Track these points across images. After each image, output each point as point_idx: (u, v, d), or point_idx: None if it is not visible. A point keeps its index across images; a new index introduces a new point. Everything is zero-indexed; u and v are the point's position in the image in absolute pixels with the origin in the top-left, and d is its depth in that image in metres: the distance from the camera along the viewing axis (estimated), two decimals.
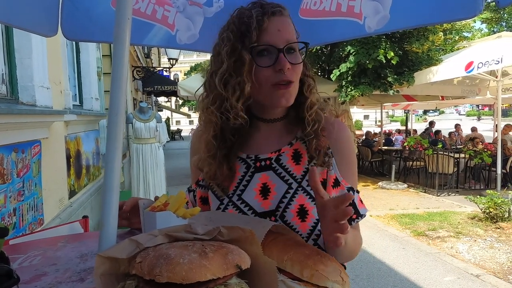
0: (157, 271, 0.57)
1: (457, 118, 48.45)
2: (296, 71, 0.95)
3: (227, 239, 0.67)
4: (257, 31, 0.91)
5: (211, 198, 1.03)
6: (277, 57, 0.91)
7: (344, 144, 1.02)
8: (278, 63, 0.91)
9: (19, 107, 2.92)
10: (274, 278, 0.62)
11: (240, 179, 1.00)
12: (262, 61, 0.92)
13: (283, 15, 0.95)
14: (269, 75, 0.92)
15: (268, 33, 0.92)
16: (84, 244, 0.97)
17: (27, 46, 3.04)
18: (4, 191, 2.54)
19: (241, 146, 1.02)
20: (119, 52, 0.72)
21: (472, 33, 16.65)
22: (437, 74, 7.31)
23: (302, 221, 0.93)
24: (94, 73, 5.93)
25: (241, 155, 1.02)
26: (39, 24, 1.36)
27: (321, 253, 0.68)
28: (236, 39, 0.92)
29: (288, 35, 0.94)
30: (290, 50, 0.94)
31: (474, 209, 6.18)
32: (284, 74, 0.92)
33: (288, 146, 1.02)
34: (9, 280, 0.62)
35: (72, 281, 0.74)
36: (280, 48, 0.91)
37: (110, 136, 0.70)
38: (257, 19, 0.91)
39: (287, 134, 1.04)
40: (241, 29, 0.92)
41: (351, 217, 0.89)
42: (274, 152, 1.01)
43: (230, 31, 0.94)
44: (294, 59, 0.94)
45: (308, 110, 0.99)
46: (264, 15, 0.91)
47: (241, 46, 0.92)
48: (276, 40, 0.92)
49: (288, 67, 0.91)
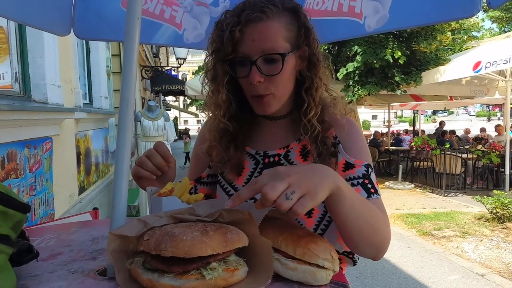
0: (162, 246, 0.62)
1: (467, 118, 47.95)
2: (273, 82, 0.90)
3: (227, 220, 0.73)
4: (231, 43, 0.88)
5: (219, 192, 1.05)
6: (250, 69, 0.88)
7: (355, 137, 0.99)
8: (249, 76, 0.89)
9: (32, 104, 3.01)
10: (269, 257, 0.68)
11: (250, 175, 1.01)
12: (239, 71, 0.92)
13: (262, 20, 0.86)
14: (246, 85, 0.92)
15: (242, 43, 0.88)
16: (95, 229, 1.04)
17: (40, 46, 3.13)
18: (17, 185, 2.63)
19: (248, 140, 1.04)
20: (129, 49, 0.79)
21: (482, 32, 16.49)
22: (445, 74, 7.29)
23: (309, 217, 0.94)
24: (104, 72, 6.04)
25: (249, 150, 1.04)
26: (54, 24, 1.42)
27: (313, 234, 0.73)
28: (213, 50, 0.94)
29: (263, 44, 0.87)
30: (270, 60, 0.88)
31: (481, 210, 6.16)
32: (255, 87, 0.89)
33: (297, 142, 1.01)
34: (29, 255, 0.69)
35: (85, 260, 0.80)
36: (253, 60, 0.87)
37: (121, 118, 0.77)
38: (230, 31, 0.87)
39: (294, 130, 1.02)
40: (217, 39, 0.92)
41: (370, 190, 0.90)
42: (282, 148, 1.01)
43: (210, 41, 0.95)
44: (271, 69, 0.89)
45: (306, 115, 0.95)
46: (238, 24, 0.86)
47: (216, 58, 0.94)
48: (249, 51, 0.88)
49: (258, 80, 0.88)
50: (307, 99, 0.95)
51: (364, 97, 8.57)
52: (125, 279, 0.67)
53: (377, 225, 0.81)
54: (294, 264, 0.68)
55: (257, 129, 1.06)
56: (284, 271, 0.69)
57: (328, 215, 0.94)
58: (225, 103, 0.97)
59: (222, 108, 0.99)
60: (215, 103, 0.99)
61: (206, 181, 1.11)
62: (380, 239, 0.83)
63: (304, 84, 0.96)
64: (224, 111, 0.99)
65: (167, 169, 0.98)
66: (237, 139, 1.02)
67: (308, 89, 0.95)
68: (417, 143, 9.01)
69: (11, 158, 2.53)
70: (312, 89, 0.95)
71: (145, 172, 0.94)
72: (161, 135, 6.09)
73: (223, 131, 1.02)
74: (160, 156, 0.95)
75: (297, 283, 0.69)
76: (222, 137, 1.02)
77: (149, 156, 0.95)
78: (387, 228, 0.85)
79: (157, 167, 0.95)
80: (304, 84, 0.96)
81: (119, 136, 0.77)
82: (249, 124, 1.05)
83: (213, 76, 0.98)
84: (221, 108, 0.99)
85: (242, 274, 0.67)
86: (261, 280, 0.66)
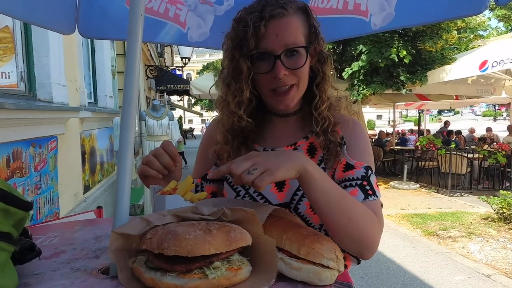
0: (165, 245, 0.62)
1: (472, 118, 47.61)
2: (298, 74, 0.94)
3: (230, 219, 0.72)
4: (255, 38, 0.90)
5: (226, 190, 1.05)
6: (274, 63, 0.90)
7: (358, 136, 1.01)
8: (273, 70, 0.91)
9: (37, 103, 3.03)
10: (273, 256, 0.67)
11: None
12: (260, 67, 0.93)
13: (285, 15, 0.91)
14: (268, 80, 0.93)
15: (265, 39, 0.90)
16: (99, 227, 1.03)
17: (45, 45, 3.14)
18: (22, 184, 2.64)
19: (257, 137, 1.05)
20: (132, 46, 0.78)
21: (488, 31, 16.34)
22: (451, 73, 7.23)
23: (315, 213, 0.93)
24: (109, 71, 6.06)
25: (257, 148, 1.04)
26: (58, 22, 1.43)
27: (318, 233, 0.72)
28: (234, 46, 0.94)
29: (287, 39, 0.90)
30: (292, 54, 0.92)
31: (487, 210, 6.11)
32: (281, 80, 0.91)
33: (304, 139, 1.03)
34: (31, 253, 0.69)
35: (88, 258, 0.80)
36: (277, 54, 0.90)
37: (124, 117, 0.76)
38: (254, 26, 0.89)
39: (303, 127, 1.04)
40: (239, 36, 0.93)
41: (367, 192, 0.90)
42: (290, 145, 1.03)
43: (230, 37, 0.96)
44: (295, 63, 0.92)
45: (317, 108, 0.98)
46: (261, 20, 0.89)
47: (239, 54, 0.93)
48: (273, 46, 0.90)
49: (284, 73, 0.91)
50: (318, 93, 0.98)
51: (369, 96, 8.54)
52: (127, 278, 0.67)
53: (354, 218, 0.82)
54: (298, 264, 0.67)
55: (267, 126, 1.07)
56: (288, 271, 0.68)
57: None
58: (248, 100, 0.97)
59: (243, 105, 0.97)
60: (238, 101, 0.97)
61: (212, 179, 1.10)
62: (358, 232, 0.82)
63: (315, 80, 0.99)
64: (245, 109, 0.98)
65: (174, 169, 0.97)
66: (248, 139, 1.03)
67: (319, 84, 0.99)
68: (422, 143, 8.95)
69: (16, 157, 2.54)
70: (323, 84, 0.99)
71: (152, 171, 0.93)
72: (165, 134, 6.11)
73: (238, 132, 1.01)
74: (168, 155, 0.95)
75: (301, 283, 0.68)
76: (234, 139, 1.01)
77: (157, 155, 0.95)
78: (371, 226, 0.85)
79: (165, 167, 0.94)
80: (315, 79, 0.99)
81: (122, 135, 0.76)
82: (260, 123, 1.05)
83: (237, 74, 0.96)
84: (243, 106, 0.97)
85: (245, 274, 0.66)
86: (265, 279, 0.65)
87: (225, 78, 0.99)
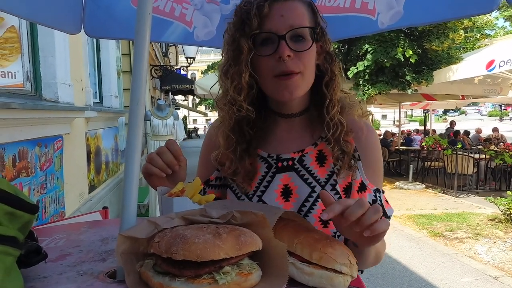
0: (174, 249, 0.60)
1: (478, 118, 47.25)
2: (303, 60, 0.87)
3: (240, 222, 0.70)
4: (258, 18, 0.85)
5: (230, 196, 1.01)
6: (278, 44, 0.84)
7: (372, 147, 0.96)
8: (277, 51, 0.84)
9: (43, 103, 3.03)
10: (284, 261, 0.65)
11: (261, 179, 0.96)
12: (263, 50, 0.87)
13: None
14: (270, 65, 0.86)
15: (269, 19, 0.85)
16: (105, 229, 1.02)
17: (51, 45, 3.15)
18: (28, 183, 2.64)
19: (261, 141, 0.98)
20: (140, 45, 0.77)
21: (495, 31, 16.19)
22: (457, 72, 7.16)
23: (325, 227, 0.90)
24: (114, 71, 6.07)
25: (261, 153, 0.98)
26: (64, 22, 1.42)
27: (330, 237, 0.70)
28: (236, 28, 0.88)
29: (293, 20, 0.85)
30: (298, 38, 0.86)
31: (494, 211, 6.05)
32: (284, 62, 0.84)
33: (313, 146, 0.96)
34: (37, 256, 0.67)
35: (95, 261, 0.78)
36: (282, 34, 0.84)
37: (132, 117, 0.75)
38: (258, 5, 0.85)
39: (311, 132, 0.98)
40: (241, 16, 0.87)
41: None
42: (297, 152, 0.96)
43: (232, 20, 0.90)
44: (300, 46, 0.86)
45: (329, 111, 0.91)
46: (266, 0, 0.85)
47: (240, 35, 0.87)
48: (277, 26, 0.85)
49: (288, 54, 0.84)
50: (329, 94, 0.92)
51: (374, 96, 8.48)
52: (135, 282, 0.65)
53: (381, 255, 0.88)
54: (310, 269, 0.65)
55: (270, 129, 1.00)
56: (299, 276, 0.66)
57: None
58: (247, 85, 0.90)
59: (243, 92, 0.90)
60: (237, 87, 0.90)
61: (215, 183, 1.06)
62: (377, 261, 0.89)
63: (323, 79, 0.93)
64: (245, 96, 0.91)
65: (177, 168, 0.92)
66: (251, 146, 0.96)
67: (329, 84, 0.93)
68: (428, 143, 8.89)
69: (22, 157, 2.54)
70: (333, 84, 0.93)
71: (155, 169, 0.89)
72: (170, 134, 6.11)
73: (239, 134, 0.95)
74: (172, 154, 0.91)
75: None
76: (236, 143, 0.95)
77: (160, 153, 0.91)
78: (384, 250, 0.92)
79: (168, 165, 0.90)
80: (324, 78, 0.93)
81: (129, 134, 0.75)
82: (262, 125, 0.98)
83: (236, 55, 0.89)
84: (243, 92, 0.90)
85: (256, 279, 0.64)
86: (276, 285, 0.63)
87: (224, 64, 0.92)
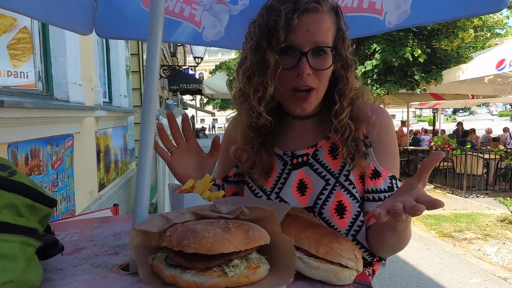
0: (185, 243, 0.63)
1: (489, 118, 46.63)
2: (320, 77, 0.88)
3: (248, 218, 0.73)
4: (285, 31, 0.84)
5: (246, 193, 1.03)
6: (299, 60, 0.85)
7: (384, 132, 0.95)
8: (298, 67, 0.86)
9: (54, 102, 3.08)
10: (291, 255, 0.67)
11: (278, 177, 0.99)
12: (284, 62, 0.87)
13: (319, 11, 0.86)
14: (289, 78, 0.88)
15: (295, 33, 0.85)
16: (117, 225, 1.05)
17: (62, 46, 3.20)
18: (40, 181, 2.69)
19: (276, 139, 1.01)
20: (152, 46, 0.79)
21: (506, 30, 15.97)
22: (467, 72, 7.09)
23: (341, 218, 0.91)
24: (123, 71, 6.13)
25: (277, 151, 1.01)
26: (76, 23, 1.45)
27: (336, 233, 0.72)
28: (262, 35, 0.87)
29: (317, 36, 0.86)
30: (319, 53, 0.87)
31: (504, 212, 5.99)
32: (303, 80, 0.86)
33: (325, 140, 0.98)
34: (55, 248, 0.70)
35: (108, 254, 0.81)
36: (304, 51, 0.85)
37: (145, 115, 0.77)
38: (286, 17, 0.84)
39: (323, 128, 0.99)
40: (268, 25, 0.86)
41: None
42: (311, 147, 0.99)
43: (258, 25, 0.89)
44: (320, 64, 0.87)
45: (337, 116, 0.92)
46: (295, 12, 0.84)
47: (266, 45, 0.86)
48: (301, 41, 0.85)
49: (308, 72, 0.85)
50: (339, 100, 0.93)
51: (382, 96, 8.44)
52: (147, 275, 0.68)
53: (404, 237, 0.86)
54: (317, 263, 0.67)
55: (285, 129, 1.03)
56: (306, 270, 0.68)
57: (360, 219, 0.92)
58: (270, 97, 0.91)
59: (264, 102, 0.91)
60: (260, 97, 0.90)
61: (233, 180, 1.09)
62: (403, 246, 0.89)
63: (337, 85, 0.94)
64: (265, 106, 0.92)
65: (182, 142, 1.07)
66: (267, 141, 0.98)
67: (342, 90, 0.94)
68: (437, 143, 8.82)
69: (34, 155, 2.59)
70: (346, 90, 0.93)
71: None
72: None
73: (256, 131, 0.96)
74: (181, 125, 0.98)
75: (319, 282, 0.68)
76: (253, 139, 0.96)
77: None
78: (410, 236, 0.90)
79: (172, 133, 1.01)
80: (337, 84, 0.94)
81: (142, 132, 0.78)
82: (277, 124, 1.00)
83: (261, 67, 0.88)
84: (263, 102, 0.91)
85: (264, 272, 0.67)
86: (283, 278, 0.65)
87: (247, 70, 0.91)
